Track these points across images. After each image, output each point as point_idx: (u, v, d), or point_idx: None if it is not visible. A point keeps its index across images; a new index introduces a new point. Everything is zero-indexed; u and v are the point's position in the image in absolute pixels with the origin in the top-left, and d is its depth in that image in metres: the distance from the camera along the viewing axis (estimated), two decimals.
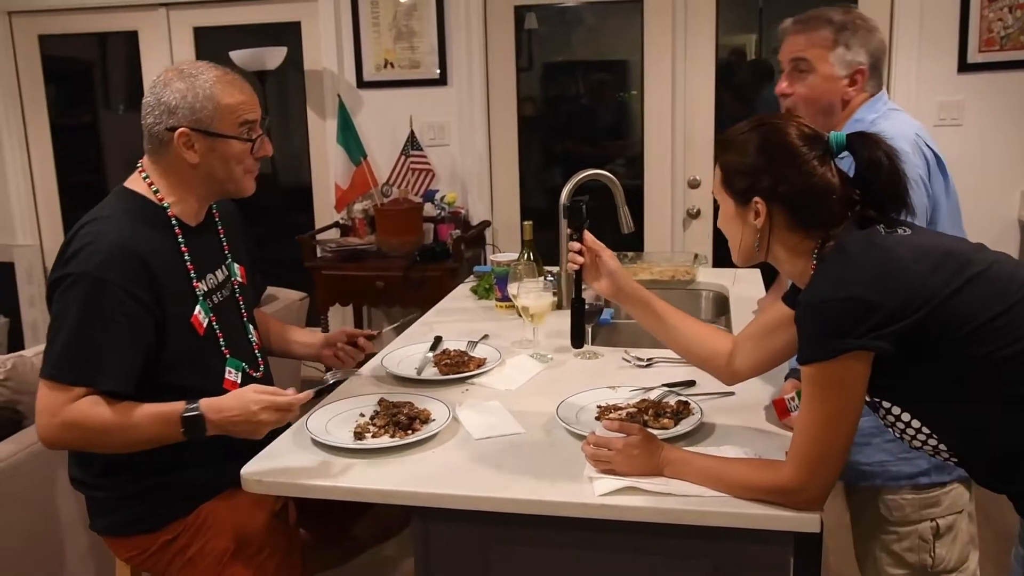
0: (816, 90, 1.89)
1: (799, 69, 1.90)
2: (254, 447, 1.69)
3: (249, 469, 1.61)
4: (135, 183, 1.78)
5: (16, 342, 4.92)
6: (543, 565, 1.54)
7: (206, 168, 1.74)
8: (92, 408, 1.59)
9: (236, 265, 1.94)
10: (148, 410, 1.62)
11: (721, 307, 2.75)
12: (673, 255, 3.26)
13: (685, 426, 1.68)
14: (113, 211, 1.72)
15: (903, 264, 1.31)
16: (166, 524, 1.74)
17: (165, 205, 1.76)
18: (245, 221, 2.03)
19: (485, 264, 4.19)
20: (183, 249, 1.77)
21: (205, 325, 1.77)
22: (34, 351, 2.41)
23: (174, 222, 1.77)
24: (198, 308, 1.76)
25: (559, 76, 4.42)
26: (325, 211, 4.39)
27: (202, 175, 1.75)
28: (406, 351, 2.20)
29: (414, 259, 3.85)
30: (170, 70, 1.73)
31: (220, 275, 1.87)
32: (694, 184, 4.10)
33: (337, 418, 1.79)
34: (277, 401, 1.60)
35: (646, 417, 1.72)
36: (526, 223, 2.50)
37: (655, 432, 1.63)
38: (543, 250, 2.51)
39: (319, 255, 4.09)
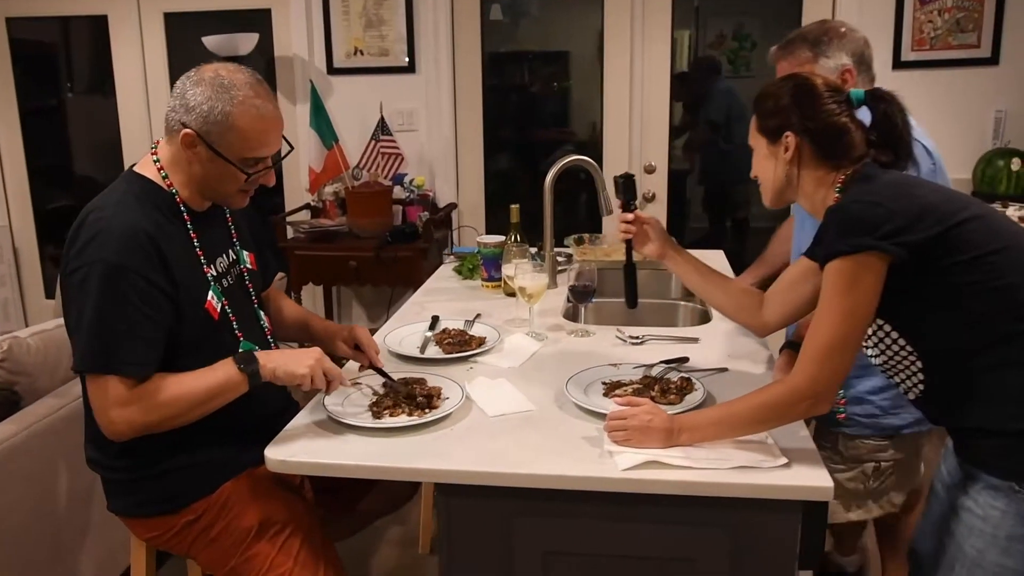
0: None
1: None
2: (274, 425, 1.62)
3: (272, 449, 1.53)
4: (145, 167, 1.67)
5: None
6: (564, 536, 1.50)
7: (201, 171, 1.63)
8: (161, 383, 1.53)
9: (245, 252, 1.83)
10: (204, 368, 1.57)
11: None
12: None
13: (690, 402, 1.65)
14: (123, 196, 1.61)
15: (920, 190, 1.42)
16: (189, 504, 1.65)
17: (174, 191, 1.65)
18: (253, 206, 1.91)
19: (454, 245, 4.12)
20: (192, 235, 1.66)
21: (219, 310, 1.67)
22: (29, 331, 2.28)
23: (182, 208, 1.66)
24: (211, 293, 1.66)
25: (516, 65, 4.36)
26: (295, 193, 4.26)
27: (197, 174, 1.64)
28: (404, 330, 2.13)
29: (385, 240, 3.75)
30: (210, 68, 1.59)
31: (227, 259, 1.77)
32: (650, 170, 4.09)
33: (350, 398, 1.72)
34: (331, 367, 1.59)
35: (652, 393, 1.69)
36: (513, 206, 2.45)
37: (664, 407, 1.60)
38: (502, 230, 2.49)
39: (291, 235, 3.96)
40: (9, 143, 4.67)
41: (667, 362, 1.88)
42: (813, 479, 1.39)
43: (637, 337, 2.07)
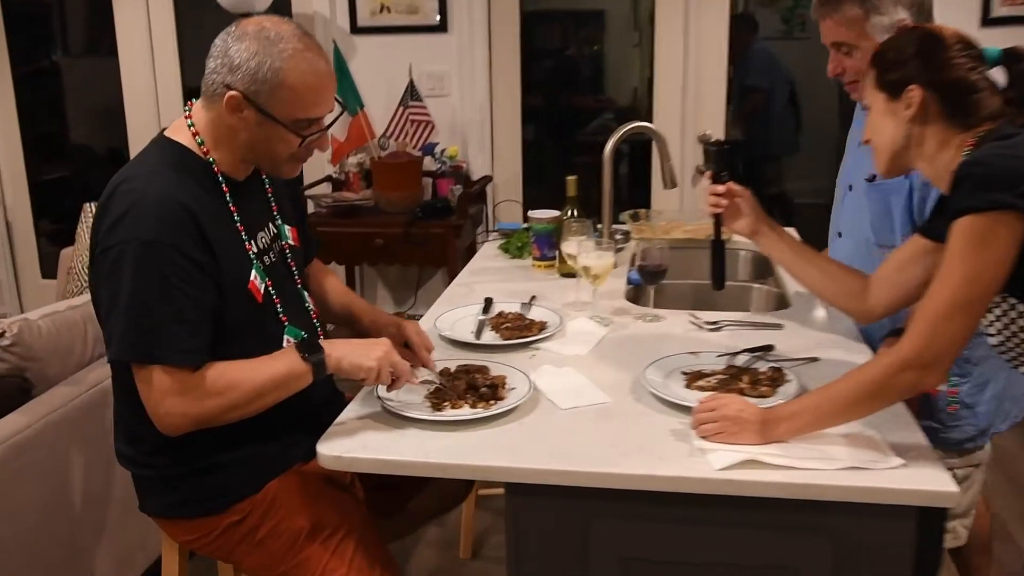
0: (867, 63, 1.86)
1: (842, 51, 1.90)
2: (320, 417, 1.60)
3: (324, 444, 1.51)
4: (178, 132, 1.64)
5: None
6: (646, 541, 1.47)
7: (248, 138, 1.60)
8: (219, 370, 1.52)
9: (286, 227, 1.81)
10: (265, 357, 1.55)
11: (761, 269, 2.69)
12: (681, 212, 3.19)
13: (784, 394, 1.62)
14: (155, 165, 1.58)
15: None
16: (232, 504, 1.63)
17: (210, 159, 1.63)
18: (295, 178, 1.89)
19: (490, 221, 4.09)
20: (232, 208, 1.64)
21: (263, 291, 1.65)
22: (39, 313, 2.28)
23: (220, 178, 1.63)
24: (253, 272, 1.64)
25: (548, 26, 4.32)
26: (316, 164, 4.23)
27: (243, 142, 1.61)
28: (455, 314, 2.11)
29: (415, 215, 3.74)
30: (252, 21, 1.56)
31: (268, 234, 1.75)
32: (704, 140, 4.03)
33: (409, 385, 1.69)
34: (399, 360, 1.57)
35: (742, 384, 1.65)
36: (569, 178, 2.42)
37: (755, 399, 1.58)
38: (538, 205, 2.47)
39: (311, 211, 3.95)
40: (1, 109, 4.67)
41: (751, 350, 1.85)
42: (932, 482, 1.36)
43: (714, 323, 2.04)
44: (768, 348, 1.87)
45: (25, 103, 4.72)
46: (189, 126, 1.63)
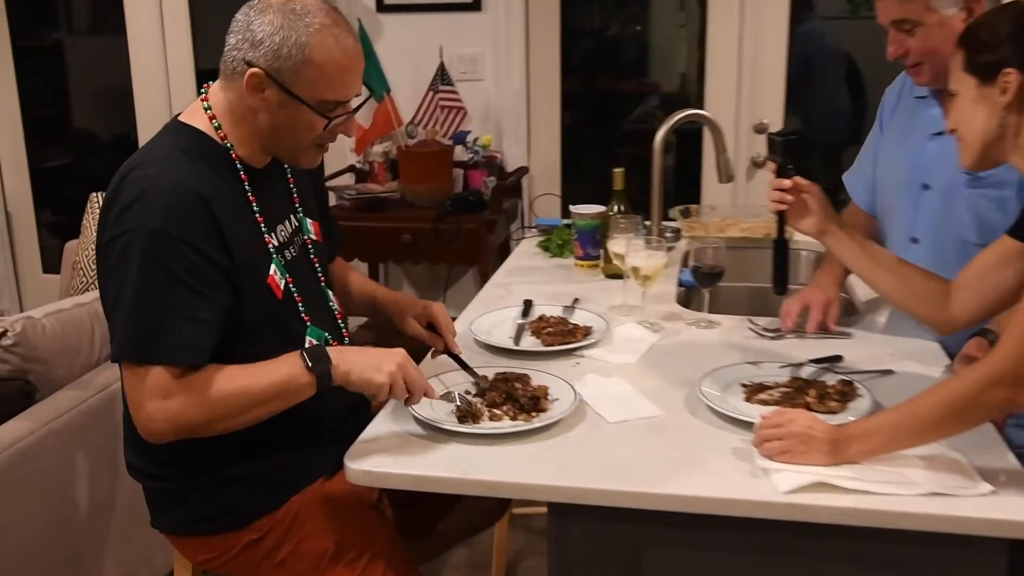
0: (932, 41, 1.86)
1: (903, 29, 1.87)
2: (345, 426, 1.61)
3: (353, 457, 1.52)
4: (193, 116, 1.65)
5: None
6: (702, 568, 1.47)
7: (269, 121, 1.60)
8: (212, 375, 1.51)
9: (308, 220, 1.82)
10: (266, 361, 1.53)
11: None
12: (736, 208, 3.16)
13: (856, 410, 1.60)
14: (168, 151, 1.59)
15: None
16: (251, 520, 1.64)
17: (228, 145, 1.63)
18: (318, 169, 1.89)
19: (527, 216, 4.08)
20: (251, 197, 1.64)
21: (283, 287, 1.65)
22: (44, 311, 2.30)
23: (239, 165, 1.64)
24: (273, 267, 1.64)
25: (587, 4, 4.31)
26: (338, 153, 4.24)
27: (262, 125, 1.61)
28: (492, 317, 2.11)
29: (445, 209, 3.73)
30: None
31: (289, 227, 1.75)
32: (761, 129, 4.01)
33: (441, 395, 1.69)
34: (414, 375, 1.54)
35: (808, 399, 1.64)
36: (617, 170, 2.41)
37: (822, 415, 1.57)
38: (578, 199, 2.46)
39: (333, 203, 3.95)
40: (1, 88, 4.72)
41: (817, 361, 1.82)
42: None
43: (775, 330, 2.01)
44: (836, 359, 1.85)
45: (26, 83, 4.75)
46: (206, 109, 1.64)
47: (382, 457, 1.52)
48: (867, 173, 2.23)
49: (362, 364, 1.54)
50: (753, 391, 1.70)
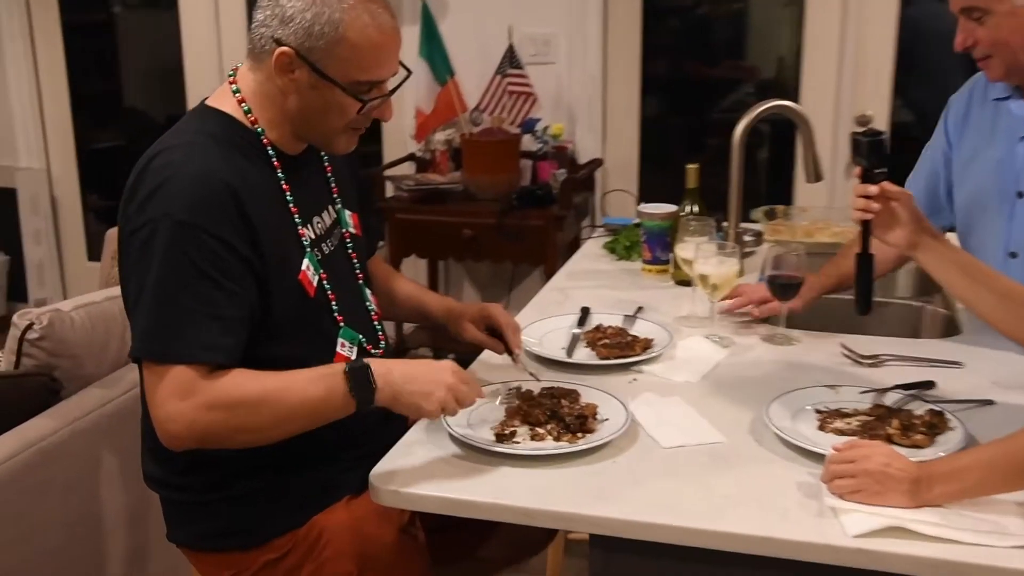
0: (1004, 30, 1.84)
1: (973, 18, 1.85)
2: (378, 438, 1.61)
3: (379, 475, 1.51)
4: (221, 99, 1.67)
5: (18, 285, 4.92)
6: None
7: (300, 103, 1.60)
8: (238, 379, 1.50)
9: (347, 212, 1.82)
10: (302, 372, 1.53)
11: (925, 283, 2.58)
12: (830, 211, 3.08)
13: (945, 444, 1.54)
14: (194, 136, 1.60)
15: None
16: (271, 538, 1.65)
17: (259, 130, 1.64)
18: (357, 156, 1.90)
19: (598, 214, 4.06)
20: (284, 186, 1.65)
21: (316, 284, 1.66)
22: (72, 304, 2.34)
23: (271, 151, 1.65)
24: (306, 262, 1.65)
25: None
26: (398, 140, 4.28)
27: (293, 109, 1.62)
28: (545, 325, 2.09)
29: (510, 203, 3.73)
30: None
31: (327, 219, 1.76)
32: (864, 121, 3.90)
33: (478, 411, 1.69)
34: (465, 391, 1.55)
35: (890, 430, 1.58)
36: (690, 167, 2.38)
37: (905, 451, 1.51)
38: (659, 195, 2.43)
39: (390, 194, 3.98)
40: (50, 65, 4.86)
41: (905, 387, 1.77)
42: None
43: (872, 356, 1.94)
44: (927, 385, 1.79)
45: (78, 60, 4.89)
46: (234, 92, 1.65)
47: (412, 476, 1.52)
48: (921, 188, 2.17)
49: (410, 389, 1.53)
50: (828, 418, 1.66)
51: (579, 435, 1.60)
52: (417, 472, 1.53)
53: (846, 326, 2.20)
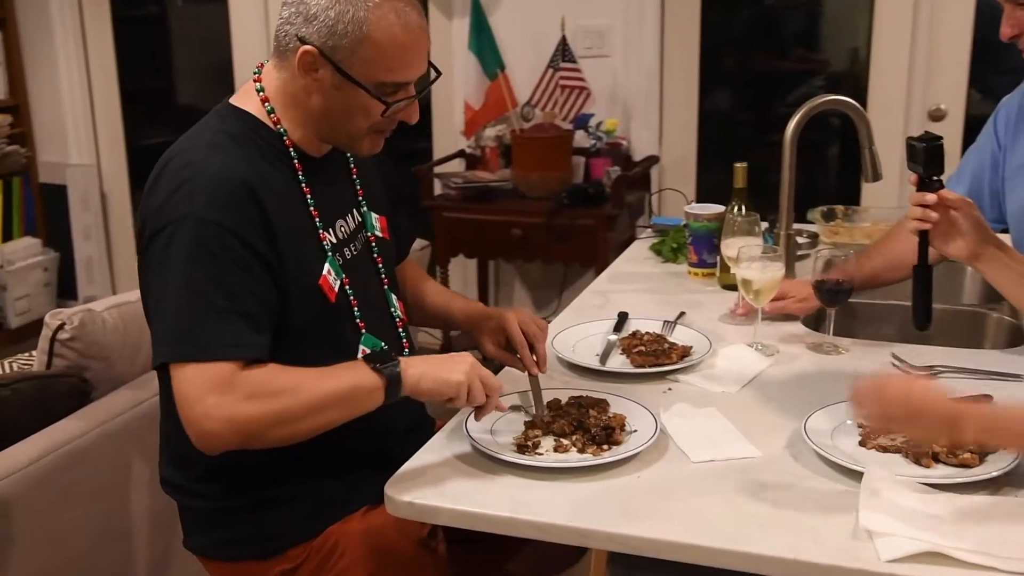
0: None
1: (1018, 3, 1.81)
2: (402, 449, 1.61)
3: (396, 486, 1.51)
4: (245, 99, 1.68)
5: (68, 282, 5.04)
6: None
7: (323, 104, 1.61)
8: (272, 371, 1.52)
9: (374, 215, 1.82)
10: (326, 368, 1.54)
11: (991, 289, 2.51)
12: (894, 211, 3.01)
13: (996, 465, 1.49)
14: (215, 135, 1.62)
15: None
16: (285, 549, 1.66)
17: (281, 130, 1.65)
18: (388, 153, 1.90)
19: (653, 214, 4.03)
20: (305, 189, 1.66)
21: (337, 289, 1.67)
22: (105, 304, 2.38)
23: (293, 152, 1.66)
24: (327, 266, 1.66)
25: None
26: (448, 136, 4.29)
27: (316, 109, 1.62)
28: (581, 331, 2.08)
29: (561, 201, 3.72)
30: None
31: (351, 223, 1.77)
32: (937, 116, 3.84)
33: (503, 419, 1.68)
34: (488, 375, 1.57)
35: (936, 448, 1.54)
36: (738, 165, 2.35)
37: (951, 471, 1.48)
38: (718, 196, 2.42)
39: (439, 192, 4.00)
40: (100, 58, 4.97)
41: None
42: None
43: (929, 367, 1.89)
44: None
45: (129, 53, 4.99)
46: (258, 91, 1.66)
47: (429, 487, 1.51)
48: (964, 191, 2.11)
49: (434, 367, 1.56)
50: (871, 433, 1.61)
51: (605, 447, 1.58)
52: (434, 483, 1.52)
53: (903, 334, 2.16)
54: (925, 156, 1.74)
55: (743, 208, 2.27)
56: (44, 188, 5.02)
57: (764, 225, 2.44)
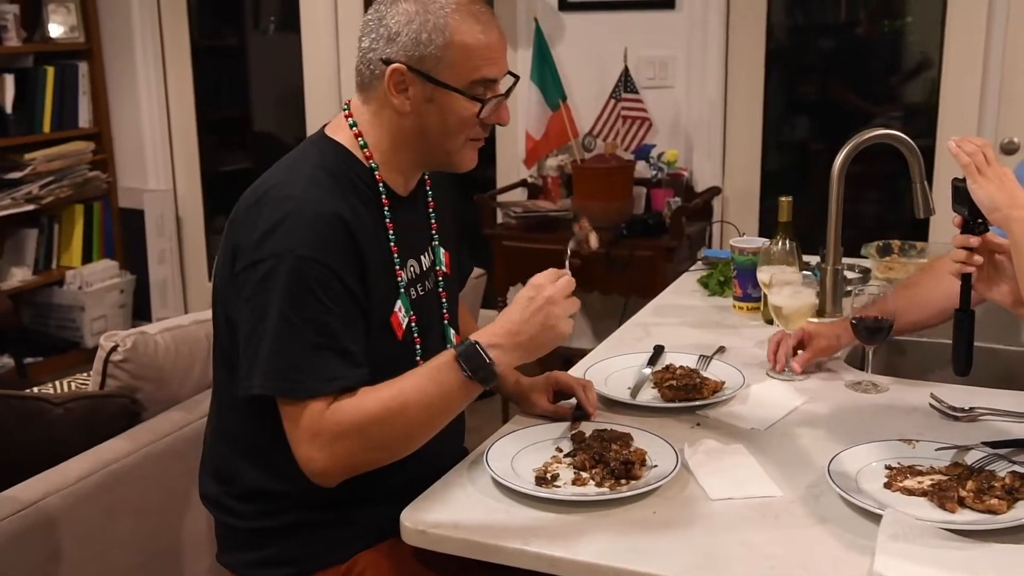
0: None
1: None
2: (432, 480, 1.62)
3: (411, 514, 1.53)
4: (338, 130, 1.71)
5: (143, 304, 5.16)
6: None
7: (418, 123, 1.64)
8: (355, 401, 1.55)
9: (442, 250, 1.85)
10: (412, 374, 1.58)
11: None
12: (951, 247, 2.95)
13: (1021, 511, 1.45)
14: (314, 169, 1.65)
15: None
16: (312, 572, 1.67)
17: (373, 166, 1.68)
18: (457, 190, 1.94)
19: (712, 246, 4.00)
20: (389, 225, 1.69)
21: (404, 327, 1.70)
22: (160, 327, 2.43)
23: (382, 189, 1.69)
24: (399, 303, 1.69)
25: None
26: (510, 166, 4.32)
27: (411, 131, 1.65)
28: (616, 363, 2.08)
29: (620, 232, 3.72)
30: None
31: (424, 262, 1.79)
32: (1010, 149, 3.75)
33: (525, 450, 1.70)
34: (564, 283, 1.68)
35: (963, 492, 1.50)
36: (783, 199, 2.32)
37: (977, 516, 1.45)
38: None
39: (500, 220, 4.02)
40: (178, 86, 5.11)
41: (993, 444, 1.67)
42: None
43: (966, 409, 1.85)
44: (1018, 444, 1.69)
45: (207, 82, 5.13)
46: (351, 125, 1.70)
47: (443, 516, 1.52)
48: None
49: (529, 332, 1.59)
50: (898, 475, 1.58)
51: (623, 482, 1.58)
52: (449, 513, 1.53)
53: (947, 374, 2.10)
54: (968, 197, 1.70)
55: (787, 243, 2.25)
56: (123, 212, 5.16)
57: (815, 260, 2.41)
